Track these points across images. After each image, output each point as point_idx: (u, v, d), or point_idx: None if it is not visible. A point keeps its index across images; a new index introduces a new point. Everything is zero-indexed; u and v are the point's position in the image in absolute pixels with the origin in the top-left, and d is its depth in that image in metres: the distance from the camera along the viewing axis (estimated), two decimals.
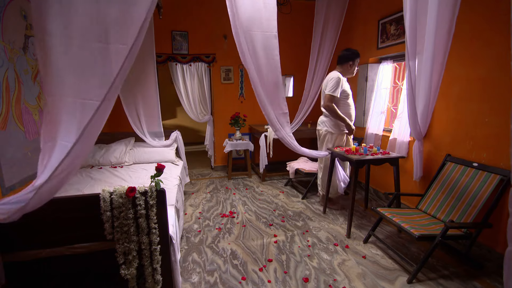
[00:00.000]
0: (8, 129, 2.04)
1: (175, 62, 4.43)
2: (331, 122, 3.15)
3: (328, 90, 3.00)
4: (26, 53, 2.30)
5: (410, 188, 3.00)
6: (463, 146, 2.42)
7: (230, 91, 4.82)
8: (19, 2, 2.22)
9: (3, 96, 1.99)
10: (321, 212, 3.24)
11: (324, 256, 2.38)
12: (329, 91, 2.98)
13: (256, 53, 2.51)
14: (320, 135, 3.31)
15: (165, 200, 1.66)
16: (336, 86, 2.96)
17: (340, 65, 3.08)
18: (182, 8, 4.34)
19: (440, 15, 2.15)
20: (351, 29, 4.05)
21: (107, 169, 3.21)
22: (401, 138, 3.03)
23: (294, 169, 3.89)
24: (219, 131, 4.88)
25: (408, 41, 2.22)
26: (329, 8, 3.52)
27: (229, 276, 2.14)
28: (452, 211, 2.24)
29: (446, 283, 2.04)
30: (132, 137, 3.82)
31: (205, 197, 3.74)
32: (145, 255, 1.62)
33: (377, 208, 2.43)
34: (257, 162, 4.74)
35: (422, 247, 2.49)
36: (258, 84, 2.61)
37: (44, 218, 1.56)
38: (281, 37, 2.57)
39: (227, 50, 4.58)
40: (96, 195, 1.57)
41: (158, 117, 3.69)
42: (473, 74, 2.32)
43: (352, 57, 3.00)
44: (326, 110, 3.11)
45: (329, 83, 3.01)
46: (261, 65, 2.57)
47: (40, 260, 1.61)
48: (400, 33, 3.13)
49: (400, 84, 3.36)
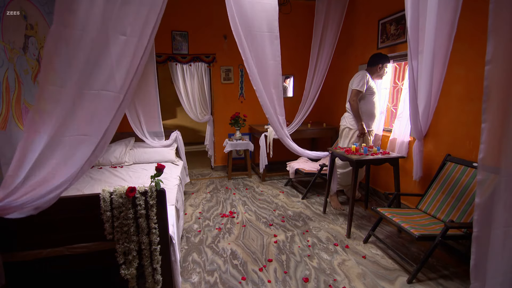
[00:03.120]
0: (8, 129, 2.04)
1: (175, 62, 4.43)
2: (350, 118, 3.20)
3: (354, 85, 3.07)
4: (26, 53, 2.31)
5: (410, 188, 3.00)
6: (463, 146, 2.42)
7: (230, 91, 4.82)
8: (19, 2, 2.22)
9: (3, 96, 1.99)
10: (321, 212, 3.24)
11: (324, 256, 2.38)
12: (355, 86, 3.05)
13: (258, 53, 2.51)
14: (340, 131, 3.39)
15: (165, 200, 1.66)
16: (361, 81, 3.03)
17: (370, 67, 3.13)
18: (182, 8, 4.34)
19: (441, 14, 2.16)
20: (351, 29, 4.05)
21: (107, 169, 3.21)
22: (401, 138, 3.03)
23: (294, 169, 3.89)
24: (219, 131, 4.88)
25: (410, 40, 2.22)
26: (329, 8, 3.52)
27: (229, 276, 2.14)
28: (452, 211, 2.24)
29: (446, 283, 2.04)
30: (132, 137, 3.82)
31: (205, 197, 3.74)
32: (145, 255, 1.62)
33: (377, 208, 2.43)
34: (257, 162, 4.74)
35: (422, 247, 2.49)
36: (260, 84, 2.61)
37: (44, 218, 1.56)
38: (281, 37, 2.58)
39: (227, 50, 4.58)
40: (96, 195, 1.57)
41: (158, 117, 3.69)
42: (473, 74, 2.32)
43: (380, 61, 3.05)
44: (350, 105, 3.18)
45: (355, 79, 3.08)
46: (261, 65, 2.57)
47: (40, 260, 1.60)
48: (400, 33, 3.13)
49: (400, 84, 3.36)
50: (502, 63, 1.18)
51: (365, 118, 3.15)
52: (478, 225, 1.30)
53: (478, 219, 1.30)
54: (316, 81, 3.67)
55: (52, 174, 1.43)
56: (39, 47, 2.55)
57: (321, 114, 5.01)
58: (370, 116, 3.15)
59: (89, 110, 1.53)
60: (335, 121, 4.36)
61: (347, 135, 3.25)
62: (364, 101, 3.12)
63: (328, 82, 3.92)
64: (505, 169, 1.22)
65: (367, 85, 3.05)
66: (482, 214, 1.29)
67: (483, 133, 1.24)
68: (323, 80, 3.64)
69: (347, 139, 3.23)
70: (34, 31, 2.46)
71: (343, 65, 4.31)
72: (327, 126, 4.48)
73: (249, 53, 2.49)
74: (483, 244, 1.29)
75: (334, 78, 4.47)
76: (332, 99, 4.69)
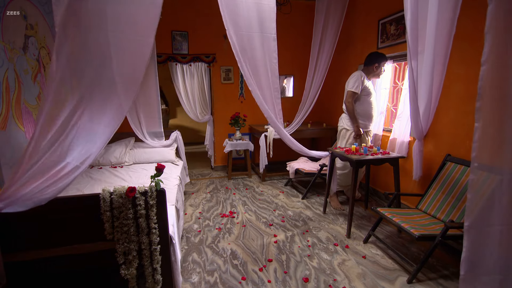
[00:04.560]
0: (8, 129, 2.04)
1: (175, 62, 4.43)
2: (347, 119, 3.21)
3: (349, 86, 3.08)
4: (26, 53, 2.30)
5: (410, 188, 3.00)
6: (463, 146, 2.42)
7: (230, 91, 4.82)
8: (19, 2, 2.22)
9: (3, 96, 1.99)
10: (321, 212, 3.24)
11: (324, 256, 2.38)
12: (350, 87, 3.07)
13: (253, 54, 2.50)
14: (338, 131, 3.40)
15: (165, 200, 1.66)
16: (356, 82, 3.03)
17: (366, 67, 3.13)
18: (182, 8, 4.34)
19: (441, 13, 2.16)
20: (351, 29, 4.05)
21: (107, 169, 3.21)
22: (401, 138, 3.03)
23: (294, 169, 3.89)
24: (219, 131, 4.88)
25: (410, 40, 2.22)
26: (329, 8, 3.52)
27: (229, 276, 2.14)
28: (452, 211, 2.24)
29: (446, 283, 2.04)
30: (132, 137, 3.82)
31: (205, 197, 3.74)
32: (145, 255, 1.62)
33: (377, 208, 2.43)
34: (257, 162, 4.74)
35: (422, 247, 2.49)
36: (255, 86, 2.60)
37: (44, 218, 1.56)
38: (281, 37, 2.57)
39: (227, 50, 4.56)
40: (96, 195, 1.57)
41: (159, 117, 3.69)
42: (473, 74, 2.32)
43: (376, 60, 3.03)
44: (345, 107, 3.19)
45: (351, 80, 3.09)
46: (256, 67, 2.55)
47: (40, 260, 1.61)
48: (400, 33, 3.13)
49: (400, 84, 3.36)
50: (497, 64, 1.19)
51: (362, 119, 3.16)
52: (469, 219, 1.32)
53: (469, 214, 1.32)
54: (316, 81, 3.66)
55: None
56: (39, 47, 2.55)
57: (321, 114, 5.01)
58: (367, 117, 3.15)
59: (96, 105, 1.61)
60: (335, 121, 4.34)
61: (344, 135, 3.26)
62: (360, 102, 3.12)
63: (328, 82, 3.91)
64: (498, 167, 1.25)
65: (363, 86, 3.05)
66: (472, 209, 1.31)
67: (476, 132, 1.27)
68: (323, 80, 3.63)
69: (344, 140, 3.25)
70: (34, 31, 2.46)
71: (343, 65, 4.31)
72: (327, 126, 4.48)
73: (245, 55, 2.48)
74: (475, 237, 1.32)
75: (334, 78, 4.47)
76: (332, 99, 4.69)
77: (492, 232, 1.28)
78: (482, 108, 1.25)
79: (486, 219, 1.29)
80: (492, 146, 1.26)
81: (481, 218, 1.30)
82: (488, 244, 1.29)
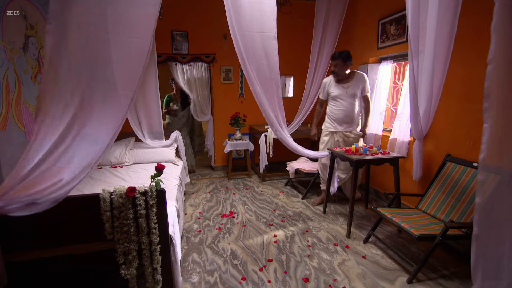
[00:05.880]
0: (8, 129, 2.04)
1: (175, 62, 4.43)
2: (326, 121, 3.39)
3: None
4: (26, 53, 2.31)
5: (410, 188, 3.00)
6: (463, 146, 2.42)
7: (230, 91, 4.82)
8: (19, 2, 2.22)
9: (3, 96, 1.99)
10: (321, 212, 3.24)
11: (324, 256, 2.38)
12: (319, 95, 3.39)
13: (255, 54, 2.50)
14: None
15: (165, 200, 1.66)
16: (321, 90, 3.34)
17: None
18: (182, 8, 4.34)
19: (442, 13, 2.15)
20: (351, 29, 4.05)
21: (107, 169, 3.21)
22: (401, 138, 3.03)
23: (294, 169, 3.89)
24: (219, 131, 4.88)
25: (411, 40, 2.22)
26: (329, 8, 3.52)
27: (229, 276, 2.14)
28: (452, 211, 2.24)
29: (446, 283, 2.04)
30: (132, 137, 3.82)
31: (205, 197, 3.74)
32: (145, 255, 1.62)
33: (377, 208, 2.43)
34: (257, 162, 4.74)
35: (422, 247, 2.49)
36: (257, 85, 2.60)
37: (44, 218, 1.56)
38: (281, 37, 2.57)
39: (227, 50, 4.58)
40: (96, 195, 1.57)
41: (159, 117, 3.69)
42: (474, 74, 2.32)
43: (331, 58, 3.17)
44: None
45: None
46: (259, 66, 2.56)
47: (41, 260, 1.60)
48: (400, 33, 3.12)
49: (400, 84, 3.36)
50: (504, 63, 1.17)
51: (331, 120, 3.27)
52: (478, 225, 1.29)
53: (478, 219, 1.29)
54: (316, 81, 3.67)
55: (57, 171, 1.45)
56: (39, 47, 2.55)
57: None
58: (334, 119, 3.24)
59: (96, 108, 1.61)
60: None
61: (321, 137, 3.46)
62: (329, 105, 3.29)
63: None
64: (507, 169, 1.21)
65: (325, 91, 3.26)
66: (482, 213, 1.28)
67: (485, 133, 1.23)
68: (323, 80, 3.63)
69: (321, 141, 3.44)
70: (34, 31, 2.46)
71: None
72: None
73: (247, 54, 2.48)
74: (483, 243, 1.29)
75: None
76: None
77: (502, 235, 1.25)
78: (490, 108, 1.21)
79: (494, 222, 1.26)
80: (501, 147, 1.22)
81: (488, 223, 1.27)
82: (498, 249, 1.26)
